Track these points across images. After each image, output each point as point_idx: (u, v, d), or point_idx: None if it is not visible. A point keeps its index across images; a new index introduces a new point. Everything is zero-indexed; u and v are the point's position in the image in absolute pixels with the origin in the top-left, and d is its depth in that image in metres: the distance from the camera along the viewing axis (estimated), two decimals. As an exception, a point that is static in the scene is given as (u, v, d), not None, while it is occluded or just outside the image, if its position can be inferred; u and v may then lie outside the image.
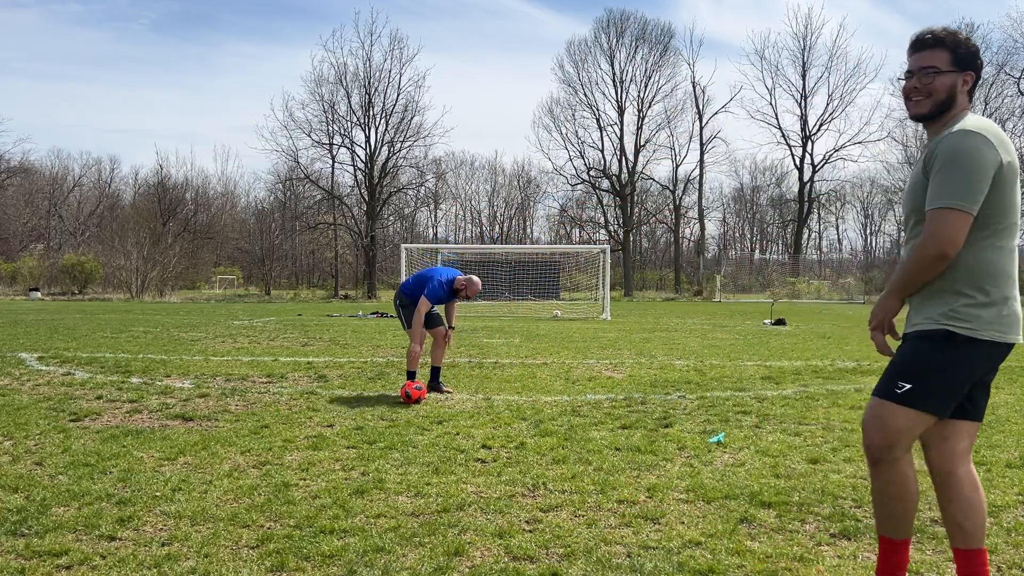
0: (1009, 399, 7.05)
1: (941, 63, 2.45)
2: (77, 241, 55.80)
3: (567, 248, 40.56)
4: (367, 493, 3.96)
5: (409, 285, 7.36)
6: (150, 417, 6.01)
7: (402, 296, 7.40)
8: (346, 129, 47.77)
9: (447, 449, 4.95)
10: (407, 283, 7.43)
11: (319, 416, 6.05)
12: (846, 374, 8.89)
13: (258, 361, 9.88)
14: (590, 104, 52.83)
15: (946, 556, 3.15)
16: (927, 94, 2.47)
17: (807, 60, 49.92)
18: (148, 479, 4.19)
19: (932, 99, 2.46)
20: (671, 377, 8.49)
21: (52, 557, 3.07)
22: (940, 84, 2.45)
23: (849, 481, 4.23)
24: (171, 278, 44.03)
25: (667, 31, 52.34)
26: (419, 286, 7.23)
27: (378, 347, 12.03)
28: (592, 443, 5.12)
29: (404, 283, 7.52)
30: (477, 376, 8.45)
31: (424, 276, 7.31)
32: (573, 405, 6.62)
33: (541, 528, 3.47)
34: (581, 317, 22.59)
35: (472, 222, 67.43)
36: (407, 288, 7.36)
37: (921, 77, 2.47)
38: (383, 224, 52.43)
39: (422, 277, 7.31)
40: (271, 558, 3.08)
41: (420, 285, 7.23)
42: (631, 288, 50.19)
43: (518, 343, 12.99)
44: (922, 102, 2.48)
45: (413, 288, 7.29)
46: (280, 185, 56.48)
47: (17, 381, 7.85)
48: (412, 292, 7.27)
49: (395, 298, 7.52)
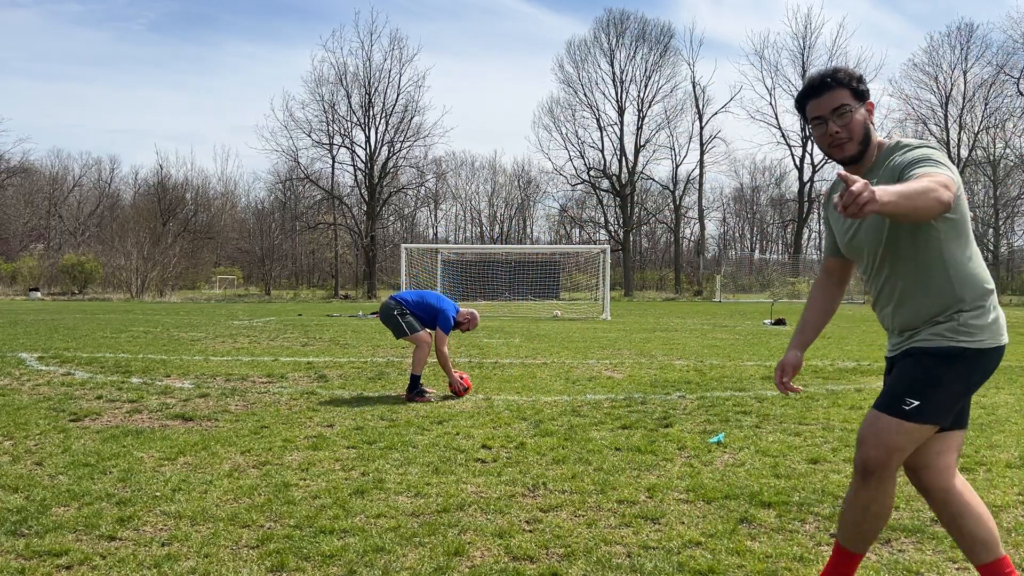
0: (1009, 399, 7.05)
1: (847, 100, 2.39)
2: (77, 241, 55.82)
3: (567, 248, 40.56)
4: (367, 493, 3.96)
5: (413, 304, 7.24)
6: (150, 417, 6.01)
7: (400, 307, 7.21)
8: (346, 129, 47.87)
9: (447, 449, 4.95)
10: (408, 298, 7.31)
11: (319, 416, 6.05)
12: (846, 374, 8.89)
13: (258, 361, 9.89)
14: (590, 104, 52.94)
15: (946, 556, 3.15)
16: (848, 136, 2.40)
17: (807, 60, 49.95)
18: (148, 479, 4.19)
19: (855, 139, 2.40)
20: (671, 377, 8.49)
21: (52, 557, 3.07)
22: (856, 122, 2.39)
23: (849, 481, 4.23)
24: (171, 278, 44.05)
25: (667, 31, 52.48)
26: (429, 311, 7.19)
27: (378, 347, 12.03)
28: (592, 443, 5.12)
29: (403, 295, 7.40)
30: (477, 376, 8.45)
31: (432, 304, 7.23)
32: (573, 405, 6.62)
33: (541, 528, 3.47)
34: (581, 317, 22.60)
35: (472, 222, 67.51)
36: (408, 303, 7.23)
37: (836, 120, 2.39)
38: (383, 224, 52.44)
39: (429, 304, 7.23)
40: (271, 558, 3.08)
41: (430, 311, 7.19)
42: (631, 288, 50.21)
43: (518, 343, 12.99)
44: (847, 144, 2.40)
45: (417, 308, 7.21)
46: (280, 185, 56.54)
47: (17, 381, 7.85)
48: (416, 311, 7.20)
49: (390, 308, 7.24)
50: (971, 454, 4.84)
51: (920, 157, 2.28)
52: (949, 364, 2.36)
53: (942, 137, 47.83)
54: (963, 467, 4.54)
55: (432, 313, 7.20)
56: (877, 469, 2.39)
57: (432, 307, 7.22)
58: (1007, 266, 49.67)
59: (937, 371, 2.37)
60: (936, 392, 2.37)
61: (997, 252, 47.22)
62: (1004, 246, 48.72)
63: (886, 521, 2.53)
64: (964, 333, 2.36)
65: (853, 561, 2.59)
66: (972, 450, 4.95)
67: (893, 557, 3.15)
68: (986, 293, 2.40)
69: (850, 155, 2.41)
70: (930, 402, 2.36)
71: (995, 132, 47.15)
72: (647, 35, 52.38)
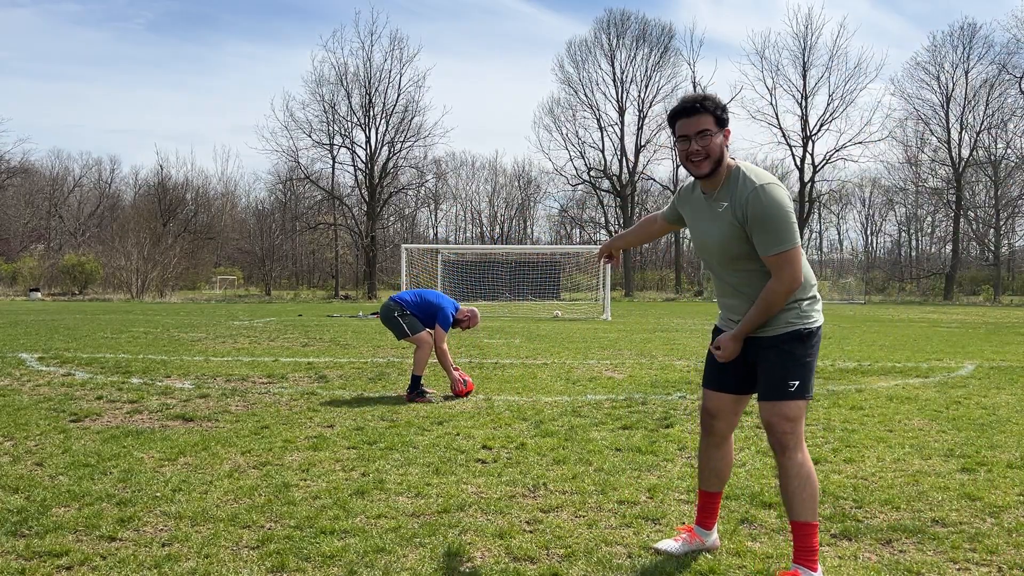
0: (1010, 399, 7.05)
1: (710, 125, 2.83)
2: (77, 241, 55.81)
3: (567, 248, 40.55)
4: (367, 493, 3.96)
5: (412, 303, 7.22)
6: (150, 417, 6.01)
7: (399, 307, 7.19)
8: (346, 129, 47.84)
9: (447, 450, 4.95)
10: (407, 298, 7.29)
11: (319, 416, 6.05)
12: (846, 374, 8.89)
13: (258, 361, 9.89)
14: (590, 104, 52.90)
15: (947, 556, 3.15)
16: (706, 155, 2.84)
17: (807, 60, 49.88)
18: (148, 479, 4.18)
19: (711, 159, 2.84)
20: (672, 377, 8.49)
21: (52, 557, 3.07)
22: (714, 145, 2.84)
23: (849, 481, 4.23)
24: (171, 278, 44.04)
25: (667, 31, 52.44)
26: (428, 309, 7.17)
27: (378, 347, 12.03)
28: (593, 443, 5.12)
29: (402, 296, 7.37)
30: (477, 376, 8.45)
31: (431, 302, 7.22)
32: (574, 405, 6.62)
33: (541, 528, 3.47)
34: (582, 317, 22.60)
35: (472, 222, 67.45)
36: (408, 303, 7.21)
37: (698, 140, 2.83)
38: (383, 224, 52.43)
39: (428, 303, 7.21)
40: (271, 559, 3.08)
41: (430, 309, 7.17)
42: (632, 288, 50.21)
43: (518, 343, 12.99)
44: (703, 163, 2.85)
45: (417, 307, 7.19)
46: (280, 185, 56.48)
47: (17, 381, 7.85)
48: (416, 310, 7.18)
49: (391, 309, 7.22)
50: (972, 454, 4.83)
51: (768, 234, 2.79)
52: (802, 344, 3.03)
53: (943, 137, 47.86)
54: (964, 467, 4.54)
55: (432, 311, 7.18)
56: (793, 441, 2.94)
57: (432, 305, 7.21)
58: (1007, 266, 49.62)
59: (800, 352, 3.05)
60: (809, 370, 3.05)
61: (998, 252, 47.21)
62: (1004, 246, 48.70)
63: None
64: (803, 318, 3.01)
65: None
66: (973, 450, 4.95)
67: (894, 557, 3.15)
68: (814, 284, 3.04)
69: (704, 172, 2.87)
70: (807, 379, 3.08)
71: (996, 132, 47.17)
72: (648, 35, 52.40)
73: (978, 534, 3.40)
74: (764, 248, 2.81)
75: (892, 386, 7.85)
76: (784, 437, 2.89)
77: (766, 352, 2.95)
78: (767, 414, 2.91)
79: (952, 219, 49.55)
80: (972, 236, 50.57)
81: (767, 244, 2.80)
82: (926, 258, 56.54)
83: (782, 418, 2.88)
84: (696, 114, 2.84)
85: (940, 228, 55.92)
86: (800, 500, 2.89)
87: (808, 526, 2.89)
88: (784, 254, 2.79)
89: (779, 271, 2.81)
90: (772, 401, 2.90)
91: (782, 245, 2.79)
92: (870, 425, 5.78)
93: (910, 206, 56.47)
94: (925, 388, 7.74)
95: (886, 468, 4.53)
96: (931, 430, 5.63)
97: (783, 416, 2.88)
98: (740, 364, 3.05)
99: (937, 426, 5.78)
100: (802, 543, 2.89)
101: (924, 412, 6.33)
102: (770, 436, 2.94)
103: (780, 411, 2.88)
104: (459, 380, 7.13)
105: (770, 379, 2.92)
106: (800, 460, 2.89)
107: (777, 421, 2.89)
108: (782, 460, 2.91)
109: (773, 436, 2.92)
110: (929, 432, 5.55)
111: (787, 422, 2.88)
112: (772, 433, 2.92)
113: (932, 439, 5.32)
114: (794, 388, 2.88)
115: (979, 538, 3.35)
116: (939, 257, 54.89)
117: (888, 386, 7.85)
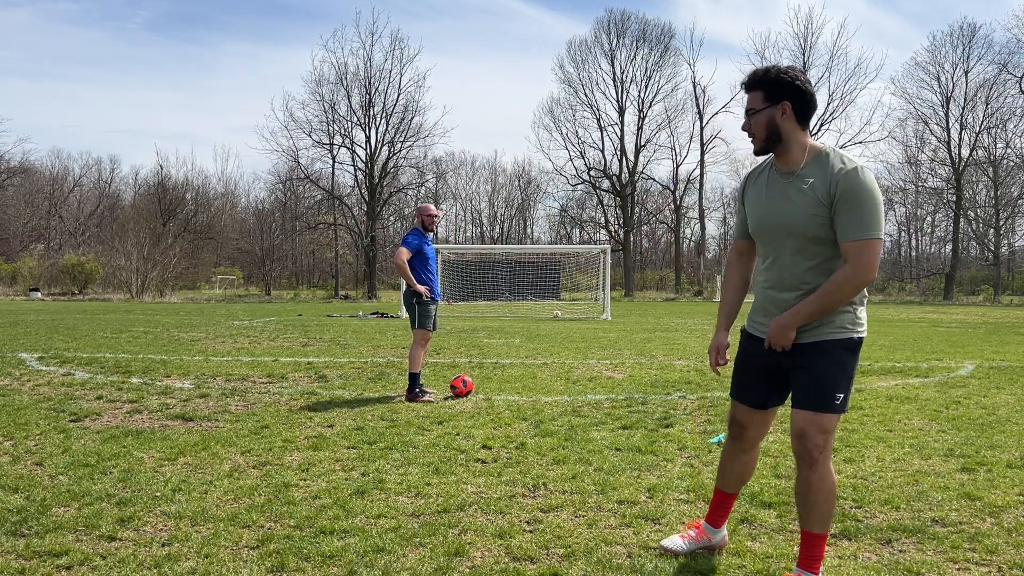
0: (1010, 399, 7.05)
1: (756, 103, 2.77)
2: (77, 241, 55.81)
3: (567, 248, 40.55)
4: (367, 493, 3.96)
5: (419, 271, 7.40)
6: (150, 417, 6.01)
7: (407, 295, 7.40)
8: (346, 129, 47.79)
9: (447, 449, 4.95)
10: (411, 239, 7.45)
11: (319, 416, 6.05)
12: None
13: (258, 361, 9.88)
14: (590, 104, 52.91)
15: (947, 556, 3.15)
16: (751, 135, 2.81)
17: (807, 60, 49.86)
18: (148, 479, 4.18)
19: (757, 137, 2.80)
20: (671, 377, 8.49)
21: (52, 557, 3.07)
22: (757, 123, 2.78)
23: (849, 481, 4.23)
24: (171, 278, 44.00)
25: (667, 31, 52.43)
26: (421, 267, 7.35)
27: (378, 347, 12.02)
28: (593, 443, 5.12)
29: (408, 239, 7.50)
30: (477, 376, 8.45)
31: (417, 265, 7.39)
32: (573, 405, 6.62)
33: (541, 528, 3.47)
34: (581, 317, 22.59)
35: (472, 222, 67.48)
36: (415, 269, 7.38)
37: (747, 118, 2.81)
38: (383, 224, 52.41)
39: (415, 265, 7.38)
40: (271, 558, 3.08)
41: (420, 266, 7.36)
42: (631, 288, 50.19)
43: (518, 343, 12.99)
44: (754, 140, 2.82)
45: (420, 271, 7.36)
46: (280, 185, 56.45)
47: (17, 381, 7.85)
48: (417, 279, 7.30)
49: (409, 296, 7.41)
50: (972, 454, 4.83)
51: (853, 218, 2.63)
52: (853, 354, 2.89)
53: (943, 137, 47.85)
54: (964, 467, 4.54)
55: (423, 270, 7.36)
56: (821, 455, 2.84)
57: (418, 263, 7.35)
58: (1007, 266, 49.62)
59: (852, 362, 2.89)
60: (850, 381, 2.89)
61: (998, 252, 47.19)
62: (1004, 246, 48.68)
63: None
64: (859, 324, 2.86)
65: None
66: (973, 450, 4.95)
67: (894, 558, 3.15)
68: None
69: (755, 150, 2.84)
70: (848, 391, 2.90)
71: (996, 132, 47.16)
72: (647, 35, 52.40)
73: (978, 534, 3.40)
74: (849, 230, 2.63)
75: (892, 386, 7.85)
76: (815, 450, 2.75)
77: (815, 359, 2.77)
78: (803, 422, 2.76)
79: (952, 219, 49.55)
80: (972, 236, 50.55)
81: (853, 226, 2.62)
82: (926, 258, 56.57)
83: (818, 430, 2.74)
84: (747, 92, 2.77)
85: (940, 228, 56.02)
86: (818, 513, 2.82)
87: (819, 537, 2.84)
88: (868, 241, 2.62)
89: (857, 258, 2.63)
90: (812, 411, 2.75)
91: (869, 231, 2.62)
92: (870, 425, 5.78)
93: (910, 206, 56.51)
94: (925, 388, 7.74)
95: (886, 468, 4.53)
96: (931, 430, 5.63)
97: (820, 428, 2.74)
98: (776, 374, 2.91)
99: (937, 426, 5.78)
100: (809, 552, 2.85)
101: (924, 412, 6.33)
102: (799, 445, 2.78)
103: (818, 422, 2.74)
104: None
105: (815, 387, 2.76)
106: (825, 474, 2.78)
107: (813, 433, 2.75)
108: (807, 473, 2.79)
109: (803, 446, 2.77)
110: (929, 432, 5.55)
111: (822, 435, 2.75)
112: (803, 442, 2.77)
113: (932, 439, 5.32)
114: (839, 401, 2.75)
115: (979, 538, 3.35)
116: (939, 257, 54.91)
117: (888, 386, 7.85)
